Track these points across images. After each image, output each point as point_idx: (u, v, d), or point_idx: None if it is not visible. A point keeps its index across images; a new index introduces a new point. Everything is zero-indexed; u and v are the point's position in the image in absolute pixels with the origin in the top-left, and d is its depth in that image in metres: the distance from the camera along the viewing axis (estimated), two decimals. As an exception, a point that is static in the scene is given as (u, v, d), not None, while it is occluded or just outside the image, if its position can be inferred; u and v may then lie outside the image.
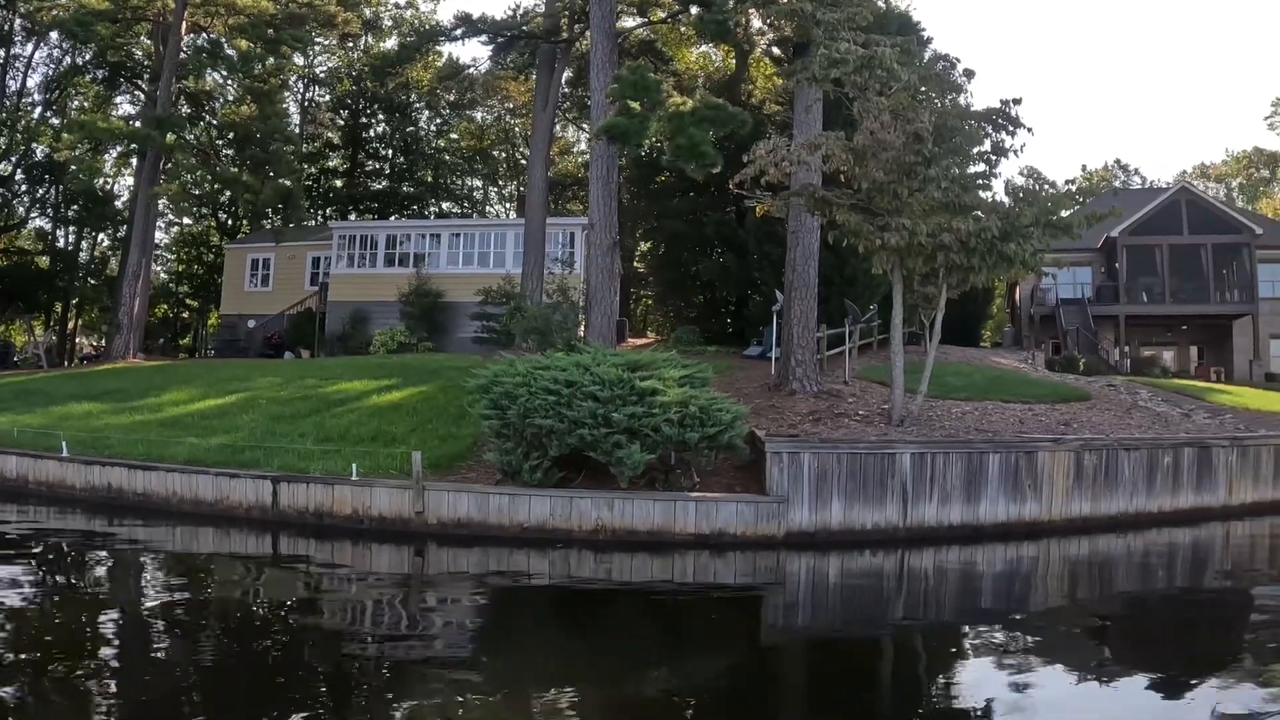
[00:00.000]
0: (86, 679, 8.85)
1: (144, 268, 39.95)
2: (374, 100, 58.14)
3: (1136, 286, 42.47)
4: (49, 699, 8.24)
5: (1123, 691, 9.08)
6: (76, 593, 13.10)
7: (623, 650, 10.83)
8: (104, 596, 12.93)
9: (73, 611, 11.63)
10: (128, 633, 10.85)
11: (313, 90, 60.41)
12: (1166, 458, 18.20)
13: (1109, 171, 79.87)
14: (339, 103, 59.78)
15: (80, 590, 13.27)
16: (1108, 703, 8.75)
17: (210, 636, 10.75)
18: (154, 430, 20.79)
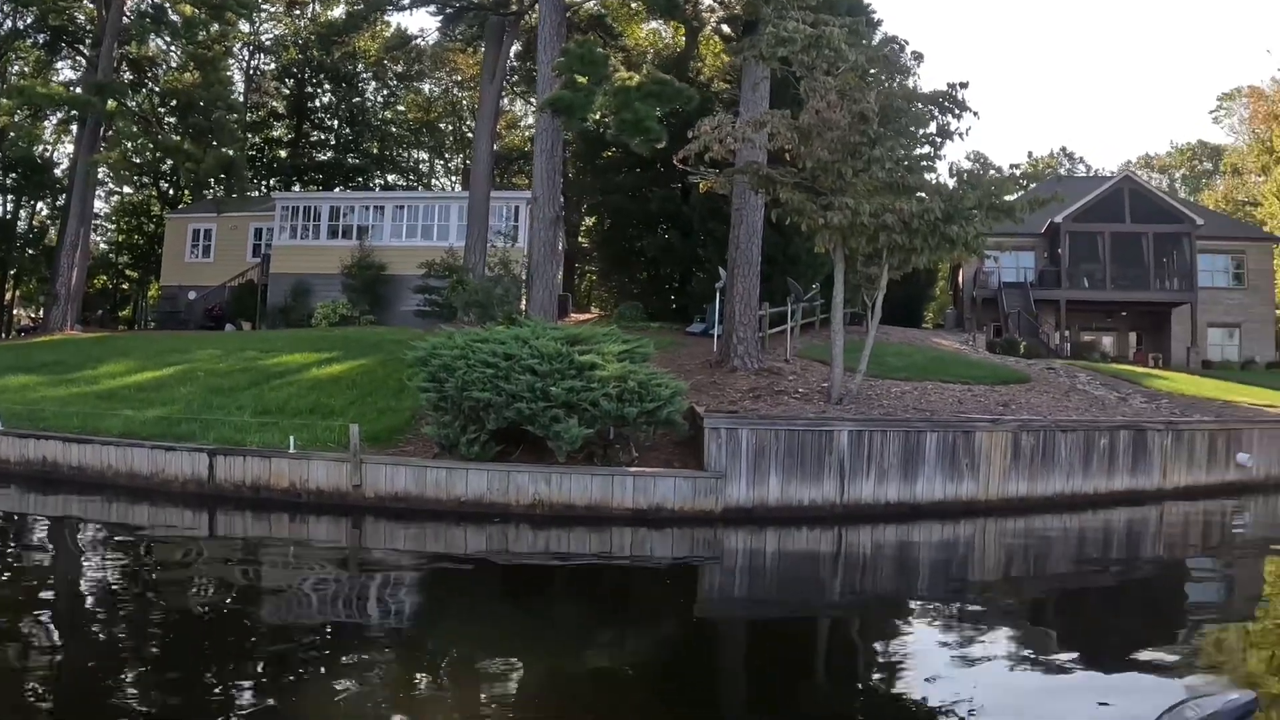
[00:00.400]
0: (18, 657, 8.66)
1: (83, 237, 39.17)
2: (320, 70, 57.33)
3: (1078, 272, 42.96)
4: None
5: (1058, 669, 9.15)
6: (8, 568, 12.83)
7: (560, 624, 10.80)
8: (37, 572, 12.64)
9: (4, 587, 11.40)
10: (61, 609, 10.62)
11: (258, 58, 59.44)
12: (1103, 440, 18.45)
13: (1055, 159, 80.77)
14: (284, 71, 58.91)
15: (12, 565, 12.98)
16: (1044, 680, 8.82)
17: (146, 612, 10.54)
18: (90, 403, 20.44)
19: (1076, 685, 8.58)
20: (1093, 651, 9.61)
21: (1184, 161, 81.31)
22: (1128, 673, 8.77)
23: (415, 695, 8.05)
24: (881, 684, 8.92)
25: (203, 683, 8.07)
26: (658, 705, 8.20)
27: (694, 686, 8.80)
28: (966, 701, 7.99)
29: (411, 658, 9.14)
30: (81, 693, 7.83)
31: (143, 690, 7.97)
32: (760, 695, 8.75)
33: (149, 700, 7.67)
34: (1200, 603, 12.93)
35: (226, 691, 7.94)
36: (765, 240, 23.44)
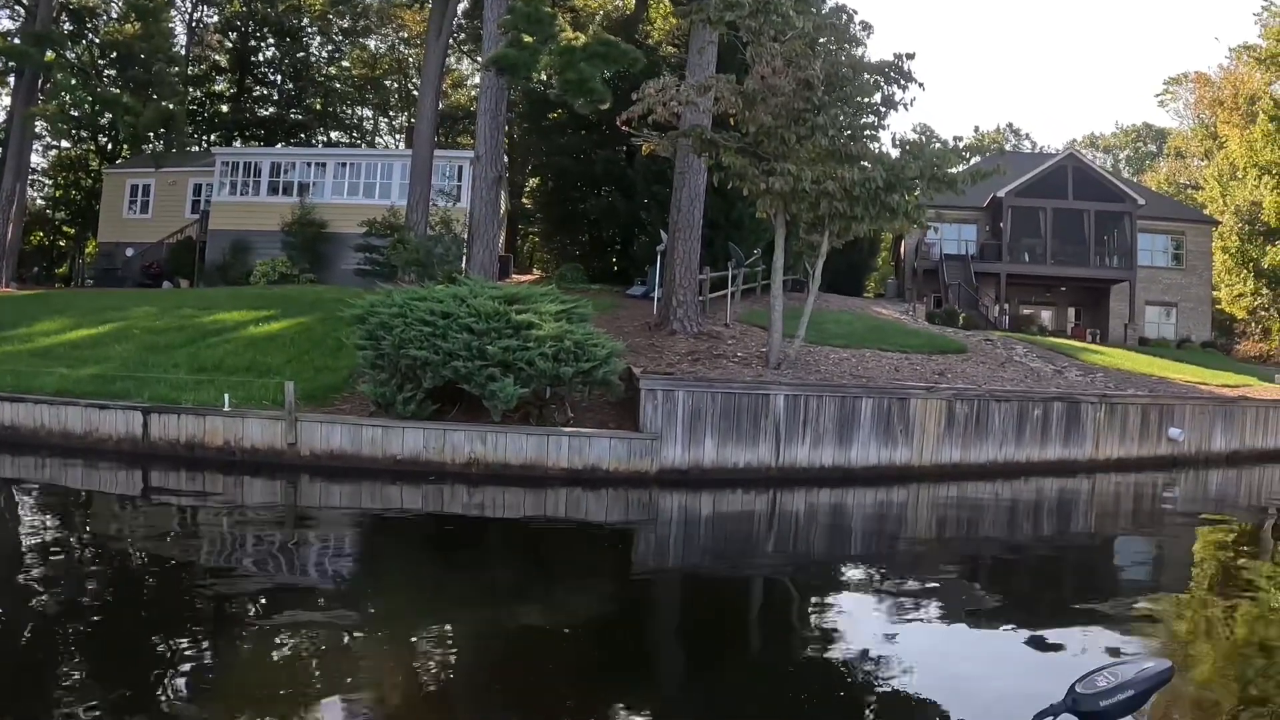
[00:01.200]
0: None
1: (19, 193, 38.31)
2: (264, 23, 56.20)
3: (1019, 246, 43.39)
4: None
5: (986, 633, 9.30)
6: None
7: (495, 584, 10.80)
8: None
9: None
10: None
11: (200, 10, 58.10)
12: (1036, 410, 18.72)
13: (1001, 134, 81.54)
14: (227, 24, 57.66)
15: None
16: (972, 644, 8.93)
17: (79, 574, 10.38)
18: (24, 361, 20.06)
19: (1001, 649, 8.73)
20: (1019, 617, 9.76)
21: (1128, 142, 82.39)
22: (1051, 639, 8.89)
23: (349, 654, 8.02)
24: (813, 642, 9.01)
25: (138, 644, 8.00)
26: (590, 663, 8.25)
27: (627, 645, 8.90)
28: (893, 660, 8.13)
29: (346, 617, 9.07)
30: (13, 656, 7.74)
31: (76, 654, 7.90)
32: (692, 654, 8.85)
33: (82, 664, 7.61)
34: (1128, 573, 13.17)
35: (162, 653, 7.86)
36: (708, 204, 23.48)
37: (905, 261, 45.32)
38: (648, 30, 37.45)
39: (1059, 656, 8.42)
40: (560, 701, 7.31)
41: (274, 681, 7.27)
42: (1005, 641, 9.04)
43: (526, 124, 42.44)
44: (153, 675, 7.32)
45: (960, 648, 8.77)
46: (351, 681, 7.37)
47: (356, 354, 16.90)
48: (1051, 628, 9.26)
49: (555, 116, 38.72)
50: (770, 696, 7.46)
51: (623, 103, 20.42)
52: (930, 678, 7.75)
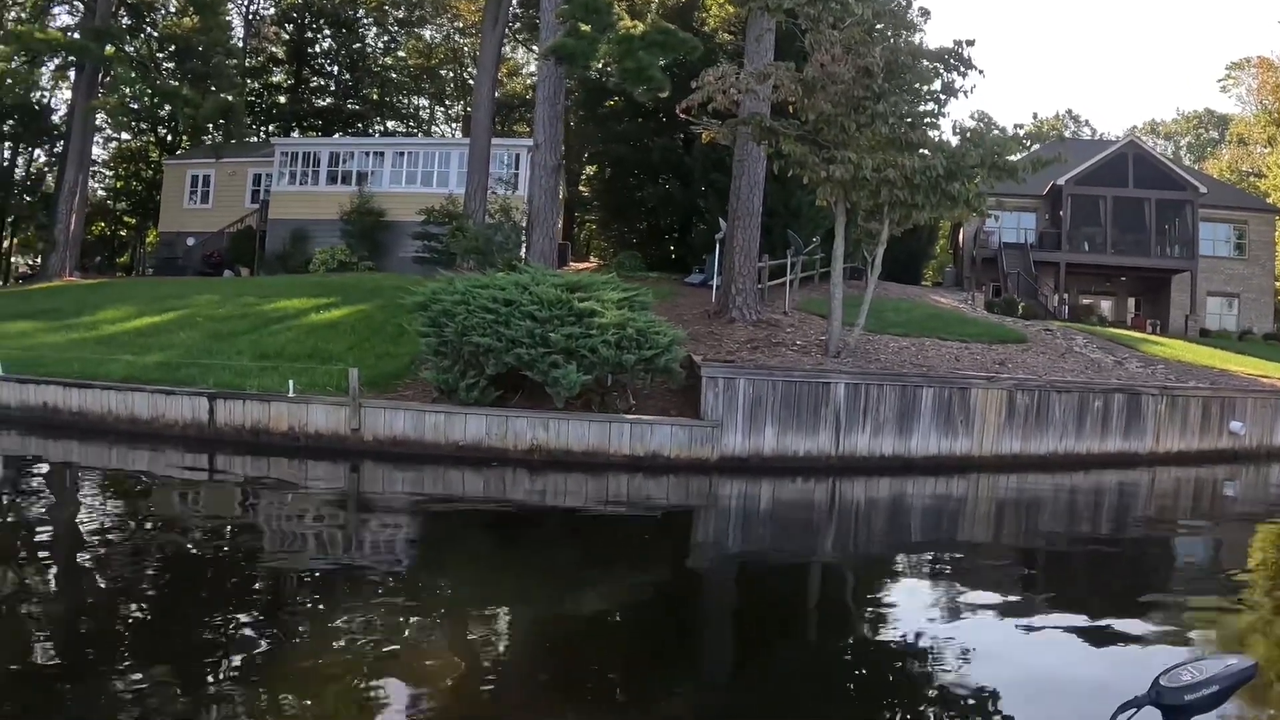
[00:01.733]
0: (17, 600, 8.70)
1: (81, 184, 39.00)
2: (320, 15, 56.79)
3: (1079, 235, 42.82)
4: None
5: (1052, 624, 9.17)
6: (9, 512, 12.91)
7: (555, 569, 10.85)
8: (37, 515, 12.68)
9: (5, 531, 11.44)
10: (61, 552, 10.67)
11: (257, 3, 58.82)
12: (1097, 402, 18.51)
13: (1060, 121, 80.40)
14: (284, 16, 58.29)
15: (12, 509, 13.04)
16: (1039, 636, 8.81)
17: (144, 555, 10.58)
18: (90, 348, 20.46)
19: (1068, 641, 8.60)
20: (1083, 610, 9.63)
21: (1190, 129, 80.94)
22: (1119, 632, 8.80)
23: (407, 638, 8.10)
24: (869, 631, 8.98)
25: (200, 625, 8.12)
26: (645, 648, 8.28)
27: (684, 631, 8.90)
28: (957, 650, 8.07)
29: (406, 601, 9.20)
30: (78, 635, 7.88)
31: (135, 633, 8.03)
32: (749, 640, 8.86)
33: (145, 643, 7.72)
34: (1189, 567, 12.97)
35: (222, 634, 7.99)
36: (767, 192, 23.42)
37: (964, 250, 44.90)
38: (703, 17, 37.28)
39: (1127, 649, 8.32)
40: (613, 686, 7.36)
41: (329, 662, 7.37)
42: (1072, 633, 8.87)
43: (583, 111, 42.46)
44: (209, 655, 7.45)
45: (1027, 639, 8.69)
46: (406, 664, 7.43)
47: (419, 341, 17.04)
48: (1118, 620, 9.13)
49: (612, 104, 38.78)
50: (828, 686, 7.45)
51: (680, 90, 20.43)
52: (1000, 668, 7.69)
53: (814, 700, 7.14)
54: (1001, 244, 42.74)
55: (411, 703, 6.70)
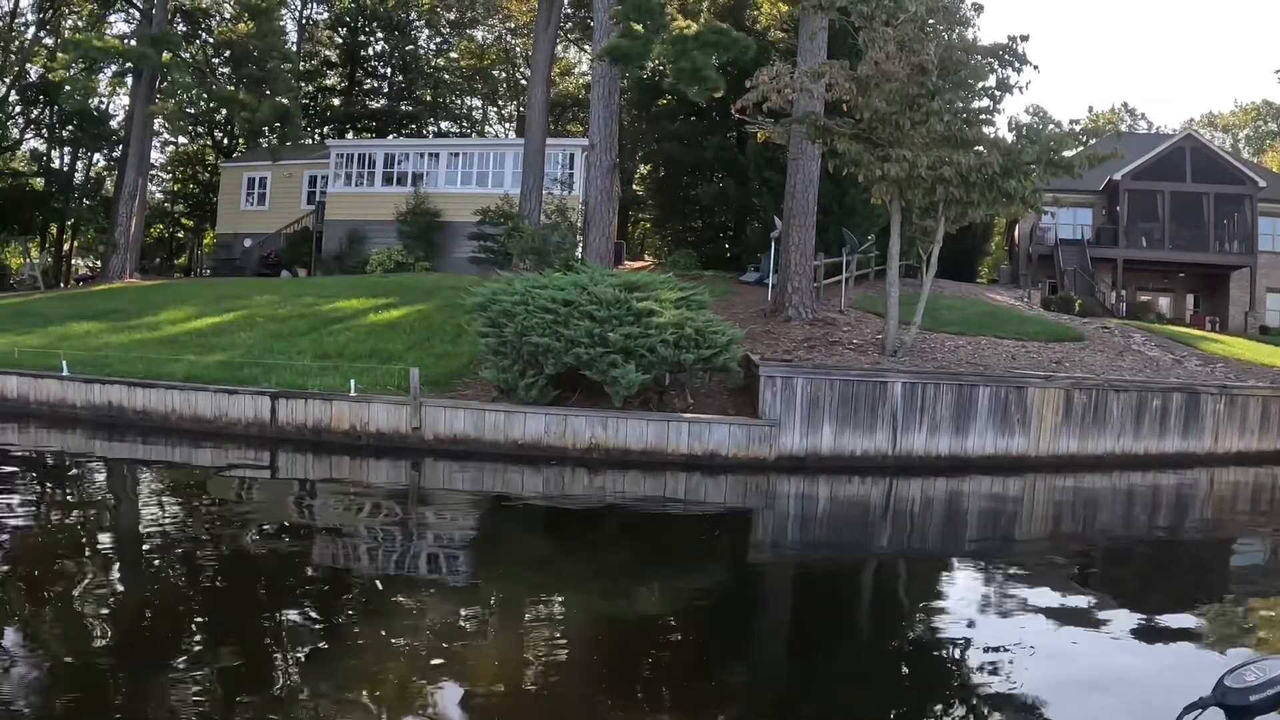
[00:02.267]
0: (79, 595, 8.93)
1: (140, 187, 39.68)
2: (373, 18, 57.36)
3: (1136, 231, 42.32)
4: (45, 615, 8.31)
5: (1104, 627, 9.12)
6: (75, 508, 13.25)
7: (612, 568, 10.99)
8: (102, 512, 13.05)
9: (73, 527, 11.77)
10: (124, 548, 10.95)
11: (310, 7, 59.54)
12: (1155, 401, 18.32)
13: (1116, 114, 79.38)
14: (337, 20, 58.95)
15: (78, 505, 13.41)
16: (1089, 635, 8.78)
17: (205, 551, 10.84)
18: (152, 349, 20.84)
19: (1124, 642, 8.57)
20: (1142, 610, 9.59)
21: (1248, 121, 79.56)
22: (1175, 632, 8.78)
23: (465, 635, 8.27)
24: (926, 630, 9.01)
25: (259, 621, 8.34)
26: (703, 647, 8.35)
27: (740, 630, 8.97)
28: (1011, 649, 8.06)
29: (464, 598, 9.35)
30: (138, 630, 8.07)
31: (193, 625, 8.23)
32: (805, 640, 8.92)
33: (204, 639, 7.91)
34: (1249, 569, 12.84)
35: (281, 630, 8.19)
36: (821, 190, 23.42)
37: (1019, 246, 44.50)
38: (755, 15, 37.29)
39: (1188, 650, 8.33)
40: (668, 684, 7.42)
41: (387, 658, 7.50)
42: (1132, 633, 8.85)
43: (636, 110, 42.58)
44: (267, 651, 7.63)
45: (1087, 638, 8.66)
46: (463, 661, 7.57)
47: (479, 341, 17.22)
48: (1177, 620, 9.14)
49: (665, 103, 38.86)
50: (885, 685, 7.50)
51: (734, 88, 20.47)
52: (1059, 668, 7.68)
53: (870, 699, 7.20)
54: (1058, 240, 42.33)
55: (467, 699, 6.82)
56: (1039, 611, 9.47)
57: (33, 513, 12.41)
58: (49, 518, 12.24)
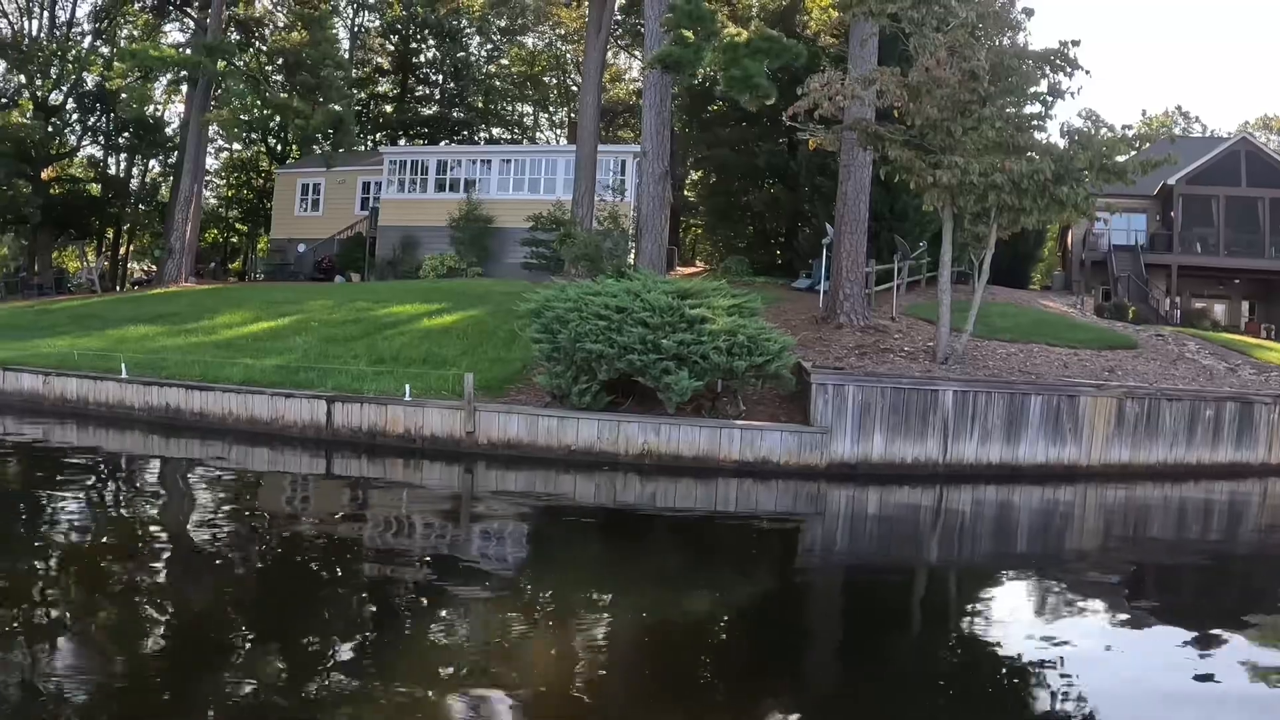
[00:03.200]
0: (136, 592, 9.22)
1: (195, 193, 40.37)
2: (424, 25, 57.83)
3: (1191, 236, 41.81)
4: (99, 614, 8.56)
5: (1152, 641, 9.07)
6: (133, 507, 13.62)
7: (663, 573, 11.11)
8: (160, 511, 13.37)
9: (128, 525, 12.10)
10: (180, 548, 11.20)
11: (362, 15, 60.12)
12: (1208, 411, 18.06)
13: (1169, 118, 78.44)
14: (389, 28, 59.54)
15: (137, 505, 13.77)
16: (1136, 653, 8.71)
17: (260, 551, 11.13)
18: (209, 352, 21.25)
19: (1171, 660, 8.49)
20: (1194, 625, 9.48)
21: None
22: (1229, 649, 8.71)
23: (511, 638, 8.39)
24: (975, 641, 9.03)
25: (311, 621, 8.54)
26: (753, 653, 8.42)
27: (790, 637, 9.05)
28: (1057, 666, 8.05)
29: (514, 601, 9.50)
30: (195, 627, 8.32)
31: (253, 628, 8.45)
32: (855, 647, 8.96)
33: (258, 638, 8.15)
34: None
35: (333, 630, 8.38)
36: (873, 197, 23.41)
37: (1072, 253, 44.13)
38: (806, 21, 37.37)
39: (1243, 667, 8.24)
40: (717, 689, 7.51)
41: (437, 659, 7.66)
42: (1179, 650, 8.72)
43: (687, 116, 42.74)
44: (319, 651, 7.82)
45: (1137, 651, 8.65)
46: (512, 663, 7.69)
47: (532, 347, 17.43)
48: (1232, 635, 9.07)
49: (716, 109, 39.07)
50: (933, 694, 7.52)
51: (785, 95, 20.52)
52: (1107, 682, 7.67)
53: (918, 709, 7.24)
54: (1111, 246, 41.93)
55: (516, 701, 6.94)
56: (1090, 624, 9.47)
57: (95, 511, 12.79)
58: (111, 515, 12.65)
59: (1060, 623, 9.50)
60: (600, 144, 32.08)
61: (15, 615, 8.14)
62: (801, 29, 35.67)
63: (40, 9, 49.66)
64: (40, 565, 9.99)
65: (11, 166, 41.95)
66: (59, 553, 10.54)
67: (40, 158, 45.32)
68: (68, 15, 50.57)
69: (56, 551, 10.60)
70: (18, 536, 11.13)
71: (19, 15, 49.23)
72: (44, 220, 45.35)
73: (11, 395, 20.69)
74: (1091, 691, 7.40)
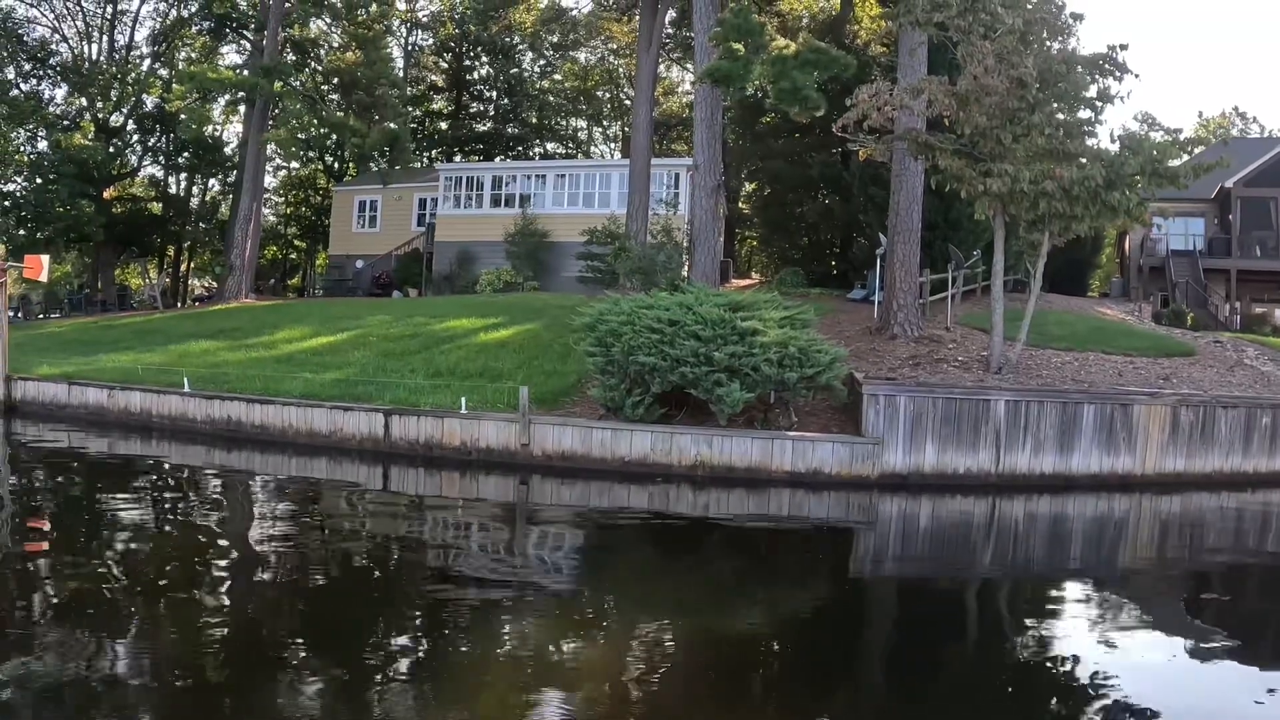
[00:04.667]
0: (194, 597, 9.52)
1: (255, 211, 41.16)
2: (477, 43, 58.52)
3: (1250, 240, 41.08)
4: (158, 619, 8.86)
5: (1212, 656, 8.99)
6: (197, 515, 14.01)
7: (716, 583, 11.23)
8: (223, 521, 13.69)
9: (191, 535, 12.43)
10: (240, 556, 11.53)
11: (415, 34, 60.99)
12: (1265, 418, 17.80)
13: (1226, 119, 77.35)
14: (442, 46, 60.33)
15: (201, 514, 14.15)
16: (1195, 666, 8.65)
17: (318, 560, 11.43)
18: (269, 366, 21.73)
19: (1231, 675, 8.46)
20: (1250, 641, 9.42)
21: (1366, 122, 76.86)
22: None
23: (568, 648, 8.54)
24: (1027, 655, 8.98)
25: (368, 631, 8.72)
26: (804, 664, 8.53)
27: (841, 648, 9.12)
28: (1113, 679, 8.02)
29: (567, 613, 9.65)
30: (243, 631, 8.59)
31: (309, 636, 8.66)
32: (904, 657, 9.02)
33: (313, 646, 8.34)
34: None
35: (389, 639, 8.60)
36: (925, 206, 23.41)
37: (1130, 258, 43.55)
38: (855, 30, 37.40)
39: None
40: (768, 700, 7.57)
41: (490, 669, 7.81)
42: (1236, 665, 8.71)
43: (739, 128, 42.89)
44: (375, 661, 8.00)
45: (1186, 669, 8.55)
46: (564, 674, 7.85)
47: (586, 360, 17.65)
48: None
49: (768, 121, 39.18)
50: (984, 707, 7.55)
51: (836, 105, 20.63)
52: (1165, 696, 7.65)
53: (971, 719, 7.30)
54: (1169, 251, 41.31)
55: (568, 712, 7.06)
56: (1144, 637, 9.47)
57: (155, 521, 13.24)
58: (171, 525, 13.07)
59: (1114, 637, 9.46)
60: (653, 157, 32.27)
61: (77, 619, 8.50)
62: (851, 39, 35.68)
63: (100, 33, 51.13)
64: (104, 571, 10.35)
65: (75, 187, 42.99)
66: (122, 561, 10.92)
67: (102, 178, 46.44)
68: (127, 39, 51.98)
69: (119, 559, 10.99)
70: (82, 545, 11.57)
71: (79, 39, 50.72)
72: (106, 238, 46.53)
73: (78, 409, 21.37)
74: (1152, 706, 7.39)
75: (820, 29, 36.03)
